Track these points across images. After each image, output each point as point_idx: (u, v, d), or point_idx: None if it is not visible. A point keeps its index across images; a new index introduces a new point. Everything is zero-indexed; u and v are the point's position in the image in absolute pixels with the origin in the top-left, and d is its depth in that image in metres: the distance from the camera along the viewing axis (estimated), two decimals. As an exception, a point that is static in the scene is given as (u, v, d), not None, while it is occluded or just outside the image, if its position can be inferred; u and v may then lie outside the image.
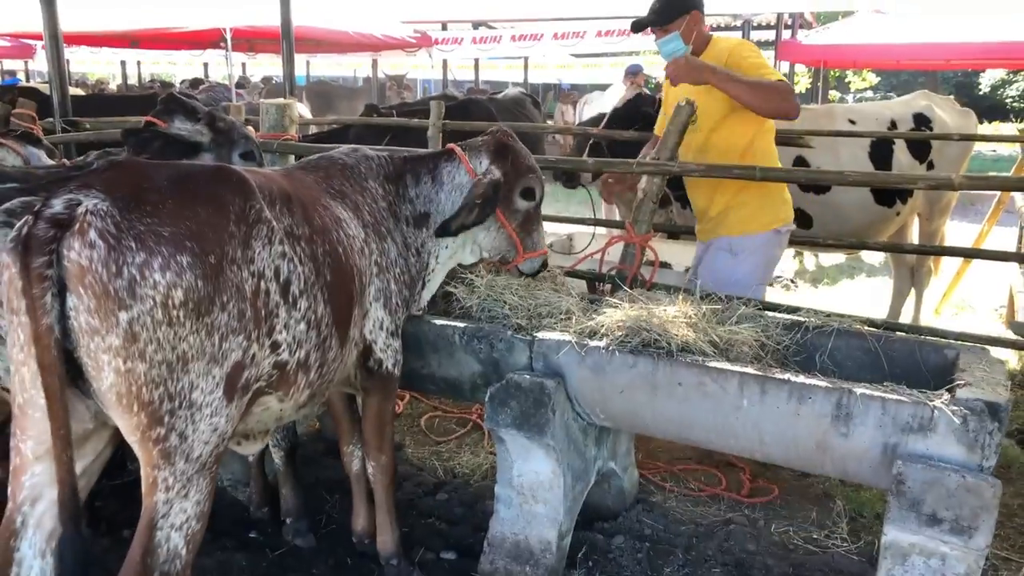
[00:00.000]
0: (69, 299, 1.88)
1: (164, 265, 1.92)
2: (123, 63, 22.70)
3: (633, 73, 11.22)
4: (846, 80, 26.75)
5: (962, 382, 2.51)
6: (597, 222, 4.70)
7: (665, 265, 4.92)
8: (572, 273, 3.94)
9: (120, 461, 3.26)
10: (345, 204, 2.82)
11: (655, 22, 3.71)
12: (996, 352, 3.30)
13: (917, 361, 2.91)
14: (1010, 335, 3.49)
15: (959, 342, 3.07)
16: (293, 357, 2.36)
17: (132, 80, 22.54)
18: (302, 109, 9.65)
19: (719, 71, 3.48)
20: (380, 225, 2.92)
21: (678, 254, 5.29)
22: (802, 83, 21.80)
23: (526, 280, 3.28)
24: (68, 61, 6.69)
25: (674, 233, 5.32)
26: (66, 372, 1.93)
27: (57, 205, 1.90)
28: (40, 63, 17.71)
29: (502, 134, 3.16)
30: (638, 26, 3.89)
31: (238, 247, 2.12)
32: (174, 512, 2.05)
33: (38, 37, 11.19)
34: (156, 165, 2.26)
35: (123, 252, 1.88)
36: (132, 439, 2.01)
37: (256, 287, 2.18)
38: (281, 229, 2.32)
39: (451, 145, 3.18)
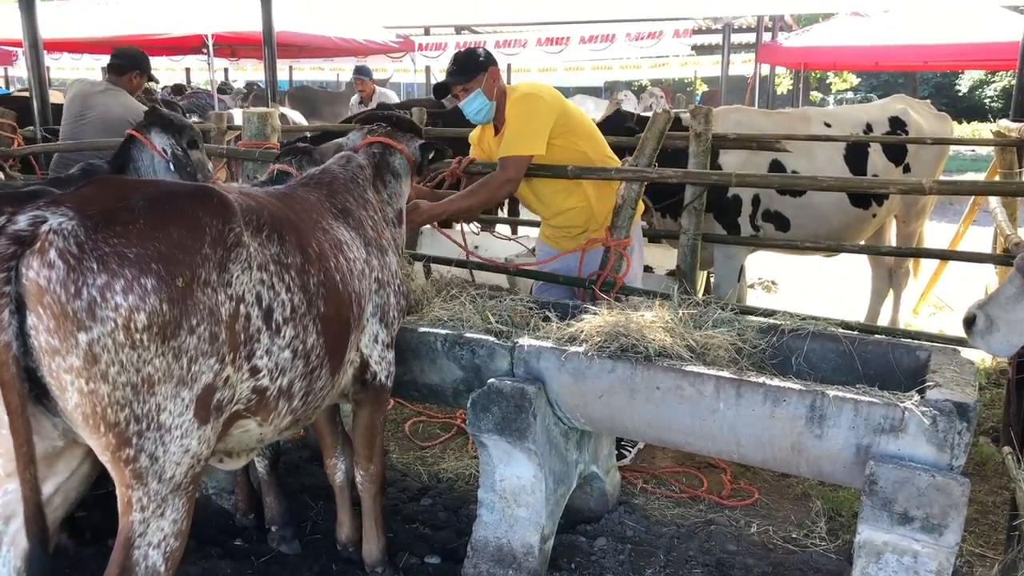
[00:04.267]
0: (28, 318, 1.85)
1: (127, 288, 1.88)
2: (104, 70, 22.54)
3: (361, 73, 10.28)
4: (827, 81, 26.97)
5: (932, 383, 2.57)
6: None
7: (648, 269, 4.98)
8: (554, 277, 3.99)
9: (105, 470, 3.27)
10: (349, 222, 2.82)
11: (457, 82, 3.81)
12: (971, 353, 3.37)
13: (890, 363, 2.97)
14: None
15: (931, 343, 3.13)
16: (274, 384, 2.34)
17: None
18: (296, 116, 9.65)
19: (447, 205, 3.76)
20: (381, 238, 2.94)
21: (660, 258, 5.35)
22: (784, 85, 21.98)
23: None
24: (49, 68, 6.70)
25: (655, 237, 5.37)
26: (30, 390, 1.90)
27: (21, 221, 1.87)
28: (20, 69, 17.61)
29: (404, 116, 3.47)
30: (440, 89, 3.99)
31: (213, 269, 2.07)
32: (151, 531, 2.04)
33: (18, 44, 11.13)
34: (136, 183, 2.25)
35: (83, 273, 1.85)
36: (104, 459, 2.00)
37: (234, 311, 2.14)
38: (265, 256, 2.29)
39: (379, 137, 3.29)
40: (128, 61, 5.62)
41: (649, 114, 4.20)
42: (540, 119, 3.72)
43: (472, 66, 3.79)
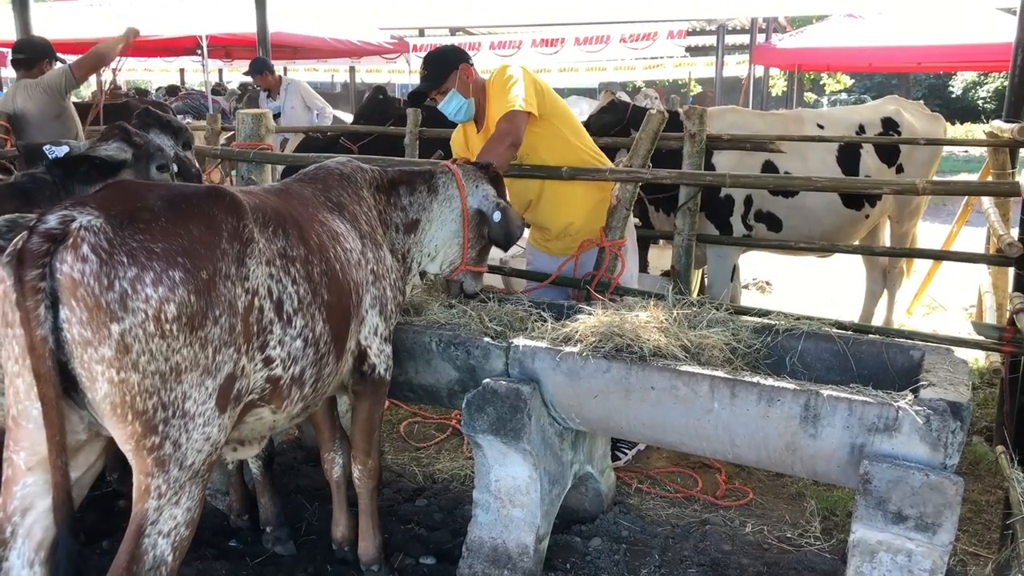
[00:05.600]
0: (62, 311, 1.92)
1: (156, 280, 1.96)
2: (98, 71, 22.50)
3: (257, 70, 8.98)
4: (821, 83, 27.03)
5: (926, 382, 2.57)
6: None
7: (642, 270, 4.99)
8: (544, 277, 3.99)
9: (100, 472, 3.26)
10: (343, 216, 2.89)
11: (430, 87, 3.77)
12: (964, 352, 3.39)
13: (884, 362, 2.98)
14: (978, 335, 3.56)
15: (925, 343, 3.14)
16: (287, 372, 2.42)
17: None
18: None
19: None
20: (375, 233, 3.00)
21: (655, 258, 5.36)
22: (778, 86, 22.04)
23: None
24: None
25: (652, 238, 5.38)
26: (60, 383, 1.96)
27: (52, 220, 1.95)
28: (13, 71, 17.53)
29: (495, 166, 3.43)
30: (416, 96, 3.95)
31: (232, 264, 2.17)
32: (163, 519, 2.08)
33: (11, 45, 11.08)
34: (150, 185, 2.32)
35: (115, 266, 1.93)
36: (127, 448, 2.05)
37: (249, 304, 2.23)
38: (273, 250, 2.38)
39: (448, 163, 3.35)
40: (35, 52, 5.66)
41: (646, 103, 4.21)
42: (525, 82, 3.63)
43: (442, 68, 3.74)
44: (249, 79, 9.94)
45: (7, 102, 5.57)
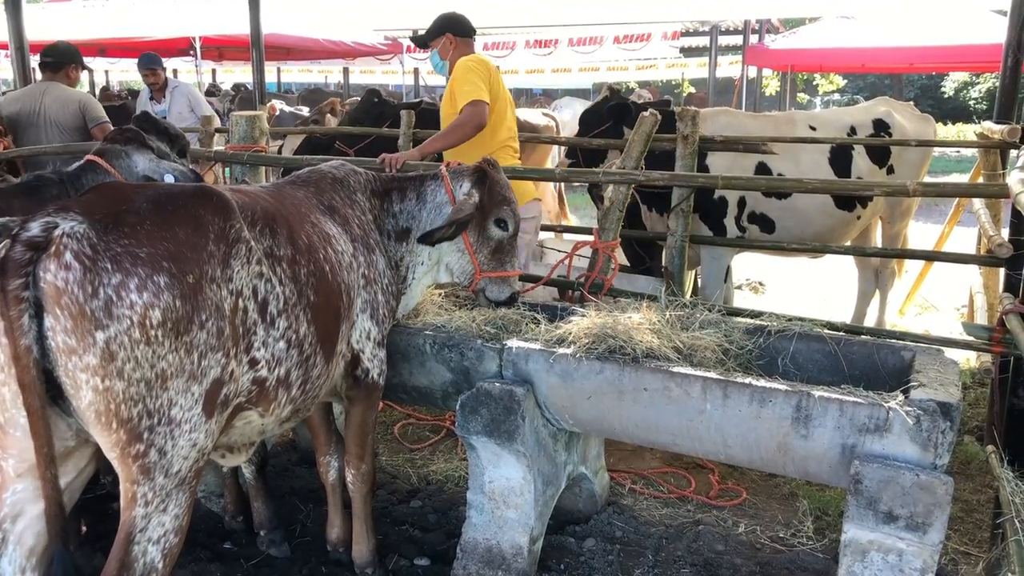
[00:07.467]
0: (46, 320, 1.90)
1: (141, 285, 1.95)
2: (91, 71, 22.48)
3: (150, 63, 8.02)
4: (814, 83, 27.09)
5: (916, 383, 2.60)
6: (565, 229, 4.79)
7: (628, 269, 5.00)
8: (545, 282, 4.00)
9: (93, 475, 3.26)
10: (335, 219, 2.88)
11: (421, 42, 4.58)
12: (955, 353, 3.41)
13: (875, 363, 3.00)
14: (968, 336, 3.59)
15: (916, 344, 3.16)
16: (272, 374, 2.40)
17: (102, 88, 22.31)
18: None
19: (425, 146, 4.15)
20: (368, 237, 2.99)
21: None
22: (771, 87, 22.08)
23: None
24: (35, 70, 6.61)
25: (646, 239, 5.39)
26: (46, 391, 1.95)
27: (34, 228, 1.93)
28: (6, 71, 17.51)
29: (486, 163, 3.26)
30: (416, 41, 4.65)
31: (217, 266, 2.15)
32: (152, 526, 2.08)
33: (4, 46, 11.08)
34: (136, 187, 2.30)
35: (99, 273, 1.91)
36: (112, 455, 2.04)
37: (235, 305, 2.21)
38: (260, 250, 2.36)
39: (441, 166, 3.32)
40: (63, 57, 5.72)
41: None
42: (474, 75, 4.11)
43: (434, 29, 4.44)
44: (243, 80, 9.90)
45: (12, 102, 5.55)
